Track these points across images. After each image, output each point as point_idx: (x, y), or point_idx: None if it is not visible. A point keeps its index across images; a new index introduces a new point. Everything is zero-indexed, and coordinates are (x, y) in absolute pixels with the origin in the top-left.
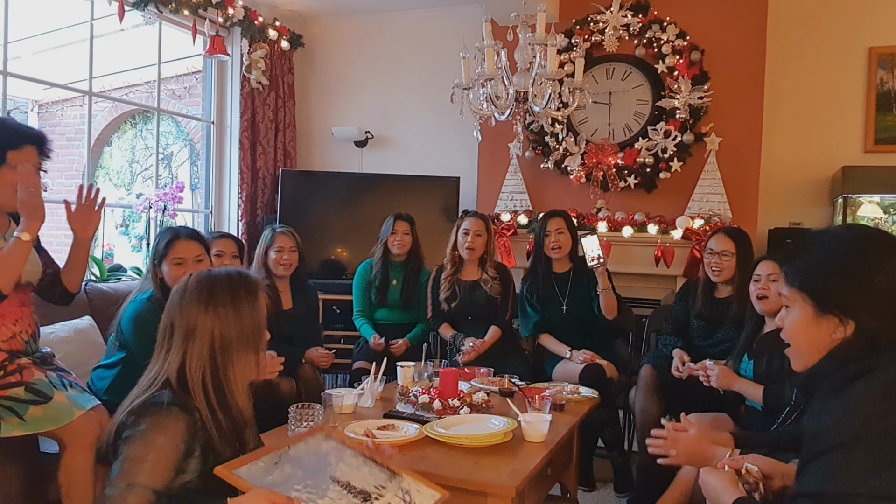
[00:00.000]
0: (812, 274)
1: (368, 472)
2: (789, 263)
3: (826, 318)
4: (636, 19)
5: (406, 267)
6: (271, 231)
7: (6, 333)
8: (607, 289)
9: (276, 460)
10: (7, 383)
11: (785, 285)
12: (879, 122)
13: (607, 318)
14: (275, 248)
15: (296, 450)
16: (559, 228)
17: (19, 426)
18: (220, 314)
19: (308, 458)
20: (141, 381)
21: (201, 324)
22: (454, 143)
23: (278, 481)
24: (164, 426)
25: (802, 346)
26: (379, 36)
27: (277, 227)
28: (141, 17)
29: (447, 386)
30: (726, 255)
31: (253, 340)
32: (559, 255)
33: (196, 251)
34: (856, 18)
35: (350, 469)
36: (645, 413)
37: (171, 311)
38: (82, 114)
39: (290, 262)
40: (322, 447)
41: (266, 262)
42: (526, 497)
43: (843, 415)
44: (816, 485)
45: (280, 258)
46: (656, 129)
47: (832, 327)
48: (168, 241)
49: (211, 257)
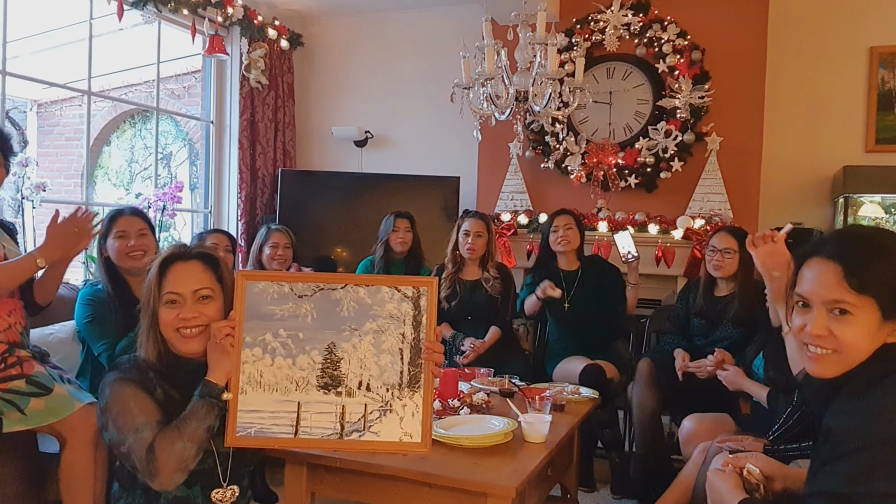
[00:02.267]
0: (886, 281)
1: (390, 364)
2: (864, 268)
3: (888, 325)
4: (637, 18)
5: (408, 265)
6: (266, 228)
7: (1, 324)
8: (637, 283)
9: (308, 293)
10: (8, 375)
11: (851, 291)
12: (880, 121)
13: (627, 313)
14: (269, 244)
15: (336, 295)
16: (568, 224)
17: (20, 421)
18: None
19: (331, 312)
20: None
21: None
22: (454, 143)
23: (275, 315)
24: (123, 381)
25: (855, 355)
26: (379, 36)
27: (272, 224)
28: (140, 17)
29: (447, 386)
30: (728, 252)
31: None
32: (566, 248)
33: (138, 225)
34: (856, 18)
35: (363, 353)
36: (642, 406)
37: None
38: (81, 113)
39: (283, 258)
40: (367, 312)
41: (261, 258)
42: (526, 497)
43: (869, 415)
44: (837, 485)
45: (274, 254)
46: (657, 129)
47: (888, 332)
48: (111, 217)
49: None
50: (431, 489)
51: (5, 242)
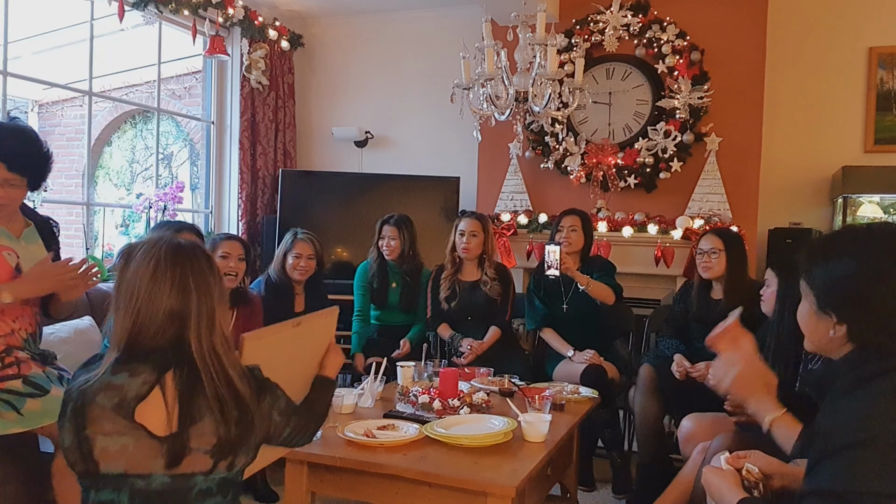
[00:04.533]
0: (822, 277)
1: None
2: (810, 261)
3: (824, 317)
4: (636, 19)
5: (403, 269)
6: (293, 235)
7: (4, 329)
8: (587, 284)
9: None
10: (5, 375)
11: (801, 278)
12: (879, 121)
13: (609, 305)
14: (293, 253)
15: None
16: (573, 226)
17: (17, 422)
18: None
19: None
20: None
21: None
22: (454, 143)
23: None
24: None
25: (808, 335)
26: (379, 36)
27: (300, 231)
28: (141, 17)
29: (447, 386)
30: (715, 252)
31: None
32: (567, 250)
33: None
34: (856, 18)
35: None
36: (644, 413)
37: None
38: (82, 114)
39: (306, 269)
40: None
41: (284, 265)
42: (526, 497)
43: (858, 414)
44: (829, 483)
45: (297, 264)
46: (656, 129)
47: (829, 326)
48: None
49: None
50: (431, 488)
51: (21, 249)
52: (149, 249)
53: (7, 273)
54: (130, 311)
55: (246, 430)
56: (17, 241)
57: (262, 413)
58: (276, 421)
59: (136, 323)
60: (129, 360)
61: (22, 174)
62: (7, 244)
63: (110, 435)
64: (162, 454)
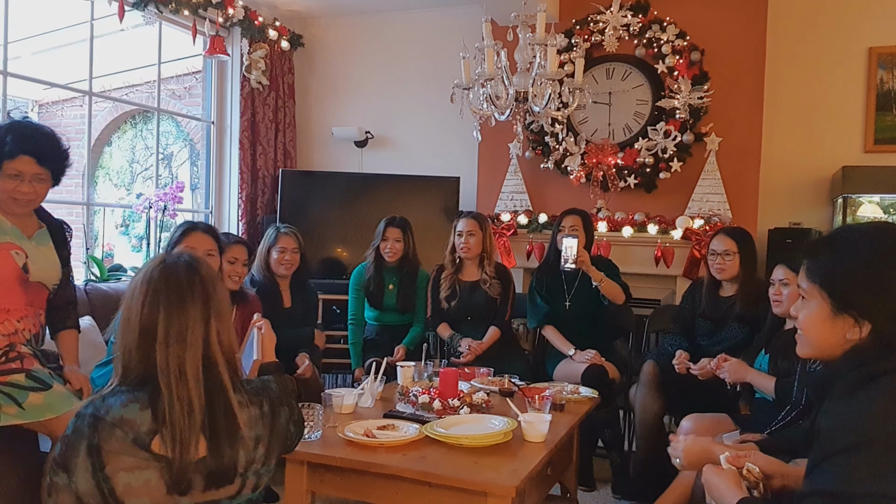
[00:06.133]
0: (835, 272)
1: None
2: (814, 258)
3: (842, 318)
4: (636, 19)
5: (400, 272)
6: (275, 230)
7: (8, 328)
8: (601, 280)
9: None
10: (8, 369)
11: (805, 279)
12: (879, 122)
13: (618, 304)
14: (277, 247)
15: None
16: (573, 225)
17: (18, 415)
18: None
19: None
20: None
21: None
22: (454, 143)
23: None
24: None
25: (813, 340)
26: (379, 36)
27: (282, 226)
28: (141, 17)
29: (447, 386)
30: (729, 254)
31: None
32: None
33: (208, 245)
34: (856, 18)
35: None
36: (645, 409)
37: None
38: (82, 114)
39: (291, 262)
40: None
41: (268, 260)
42: (526, 497)
43: (858, 415)
44: (829, 483)
45: (281, 258)
46: (656, 129)
47: (847, 327)
48: (184, 231)
49: (222, 261)
50: (431, 488)
51: (30, 249)
52: (142, 268)
53: (12, 271)
54: (120, 332)
55: (235, 451)
56: (27, 240)
57: (278, 430)
58: (292, 432)
59: (123, 345)
60: (131, 387)
61: (49, 168)
62: (16, 243)
63: (132, 471)
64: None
